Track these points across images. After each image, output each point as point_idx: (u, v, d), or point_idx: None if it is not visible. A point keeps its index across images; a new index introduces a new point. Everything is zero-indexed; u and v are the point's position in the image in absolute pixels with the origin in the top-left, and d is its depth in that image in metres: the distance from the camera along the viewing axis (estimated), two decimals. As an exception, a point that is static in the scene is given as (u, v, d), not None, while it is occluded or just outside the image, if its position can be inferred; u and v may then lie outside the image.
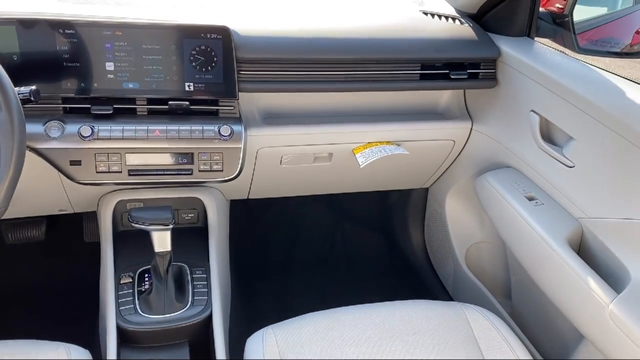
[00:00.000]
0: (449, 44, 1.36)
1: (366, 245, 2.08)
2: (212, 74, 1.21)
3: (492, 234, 1.57)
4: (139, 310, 1.23)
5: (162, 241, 1.16)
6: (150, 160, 1.21)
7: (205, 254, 1.36)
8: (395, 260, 2.00)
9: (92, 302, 1.40)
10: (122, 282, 1.27)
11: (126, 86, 1.19)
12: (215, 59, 1.20)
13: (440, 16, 1.45)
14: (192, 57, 1.19)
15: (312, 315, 1.14)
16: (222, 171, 1.24)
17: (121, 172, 1.20)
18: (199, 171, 1.23)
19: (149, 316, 1.22)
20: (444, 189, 1.68)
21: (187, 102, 1.21)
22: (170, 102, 1.21)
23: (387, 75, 1.32)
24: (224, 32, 1.20)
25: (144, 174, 1.22)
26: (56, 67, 1.14)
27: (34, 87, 1.04)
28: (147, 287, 1.27)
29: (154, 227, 1.14)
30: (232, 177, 1.26)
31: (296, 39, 1.27)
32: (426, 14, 1.46)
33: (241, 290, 1.73)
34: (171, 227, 1.15)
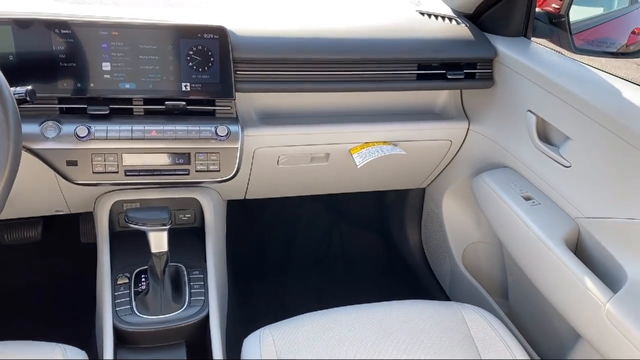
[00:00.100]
0: (446, 44, 1.36)
1: (363, 245, 2.08)
2: (209, 74, 1.21)
3: (489, 234, 1.57)
4: (135, 310, 1.22)
5: (158, 242, 1.16)
6: (147, 160, 1.20)
7: (202, 254, 1.36)
8: (392, 260, 2.00)
9: (88, 303, 1.40)
10: (118, 282, 1.27)
11: (123, 86, 1.18)
12: (212, 59, 1.20)
13: (436, 16, 1.45)
14: (188, 57, 1.19)
15: (309, 315, 1.14)
16: (219, 171, 1.24)
17: (118, 172, 1.19)
18: (196, 171, 1.23)
19: (145, 317, 1.22)
20: (441, 189, 1.68)
21: (184, 102, 1.21)
22: (167, 102, 1.20)
23: (384, 75, 1.32)
24: (220, 32, 1.19)
25: (141, 174, 1.21)
26: (52, 67, 1.14)
27: (30, 87, 1.03)
28: (143, 287, 1.26)
29: (151, 228, 1.14)
30: (229, 178, 1.25)
31: (293, 39, 1.27)
32: (423, 14, 1.46)
33: (238, 290, 1.73)
34: (168, 227, 1.15)
